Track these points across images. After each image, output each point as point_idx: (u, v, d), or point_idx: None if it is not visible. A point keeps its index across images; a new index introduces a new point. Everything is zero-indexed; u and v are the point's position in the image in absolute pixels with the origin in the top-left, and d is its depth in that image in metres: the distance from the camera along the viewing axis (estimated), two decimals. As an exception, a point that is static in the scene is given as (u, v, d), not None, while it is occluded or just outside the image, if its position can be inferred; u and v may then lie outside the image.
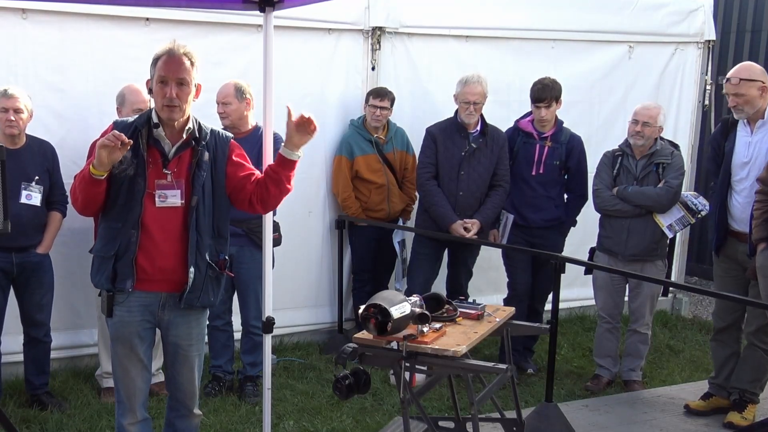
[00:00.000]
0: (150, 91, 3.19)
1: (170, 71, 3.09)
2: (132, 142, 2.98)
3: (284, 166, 3.20)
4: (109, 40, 4.87)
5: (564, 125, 5.32)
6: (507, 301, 5.30)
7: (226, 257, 3.34)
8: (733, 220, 4.61)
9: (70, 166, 4.61)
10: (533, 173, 5.23)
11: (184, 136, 3.18)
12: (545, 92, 5.12)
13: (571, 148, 5.26)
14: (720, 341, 4.85)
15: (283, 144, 3.19)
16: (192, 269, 3.18)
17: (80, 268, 4.81)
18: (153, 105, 3.21)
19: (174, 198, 3.15)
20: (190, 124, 3.20)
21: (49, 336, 4.57)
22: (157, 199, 3.13)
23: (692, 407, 4.86)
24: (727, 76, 4.54)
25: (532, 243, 5.25)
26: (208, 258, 3.23)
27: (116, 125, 3.20)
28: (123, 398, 3.30)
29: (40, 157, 4.39)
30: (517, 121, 5.39)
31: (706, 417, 4.77)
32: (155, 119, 3.17)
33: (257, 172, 3.34)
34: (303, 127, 3.11)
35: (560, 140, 5.24)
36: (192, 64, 3.15)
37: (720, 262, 4.76)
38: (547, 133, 5.24)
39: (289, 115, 3.12)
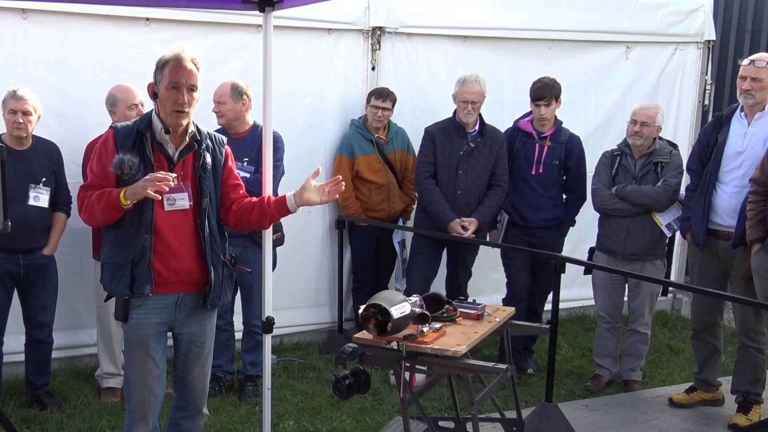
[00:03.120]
0: (155, 96, 3.17)
1: (183, 77, 3.10)
2: (175, 177, 3.02)
3: (279, 210, 3.33)
4: (109, 40, 4.87)
5: (563, 125, 5.33)
6: (506, 301, 5.31)
7: (231, 254, 3.40)
8: (715, 214, 4.61)
9: (70, 166, 4.63)
10: (533, 173, 5.24)
11: (187, 139, 3.20)
12: (545, 90, 5.13)
13: (570, 148, 5.27)
14: (700, 339, 4.91)
15: (293, 193, 3.28)
16: (212, 270, 3.21)
17: (80, 268, 4.82)
18: (155, 109, 3.18)
19: (182, 201, 3.17)
20: (191, 128, 3.22)
21: (51, 337, 4.57)
22: (165, 202, 3.13)
23: (675, 400, 4.95)
24: (753, 58, 4.51)
25: (531, 243, 5.25)
26: (221, 257, 3.28)
27: (117, 130, 3.17)
28: (135, 407, 3.24)
29: (46, 159, 4.39)
30: (516, 121, 5.40)
31: (703, 415, 4.80)
32: (158, 124, 3.15)
33: (242, 186, 3.41)
34: (317, 191, 3.24)
35: (560, 140, 5.25)
36: (198, 70, 3.18)
37: (699, 261, 4.79)
38: (546, 133, 5.25)
39: (316, 173, 3.25)
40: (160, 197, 3.02)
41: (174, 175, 3.01)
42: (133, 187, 2.99)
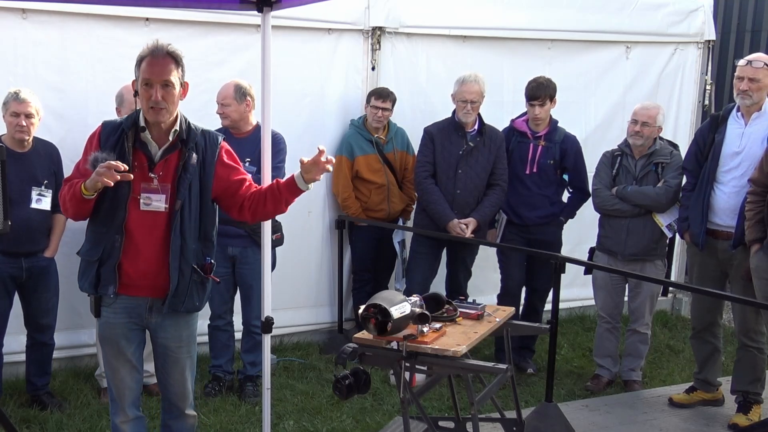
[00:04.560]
0: (135, 93, 3.15)
1: (154, 73, 3.05)
2: (127, 167, 2.95)
3: (291, 191, 3.19)
4: (109, 40, 4.87)
5: (559, 125, 5.34)
6: (499, 299, 5.33)
7: (212, 261, 3.28)
8: (713, 214, 4.62)
9: (70, 166, 4.56)
10: (527, 172, 5.26)
11: (171, 138, 3.14)
12: (540, 90, 5.15)
13: (565, 148, 5.28)
14: (700, 338, 4.92)
15: (299, 173, 3.15)
16: (175, 274, 3.14)
17: (80, 268, 4.82)
18: (139, 106, 3.17)
19: (158, 202, 3.11)
20: (176, 125, 3.15)
21: (53, 338, 4.57)
22: (141, 202, 3.10)
23: (675, 400, 4.95)
24: (750, 58, 4.52)
25: (528, 240, 5.27)
26: (192, 262, 3.18)
27: (104, 127, 3.18)
28: (114, 397, 3.31)
29: (47, 161, 4.38)
30: (512, 121, 5.41)
31: (703, 415, 4.80)
32: (142, 122, 3.13)
33: (249, 178, 3.31)
34: (317, 166, 3.09)
35: (554, 139, 5.27)
36: (177, 63, 3.10)
37: (698, 261, 4.80)
38: (540, 132, 5.27)
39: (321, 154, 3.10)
40: (112, 184, 2.92)
41: (124, 166, 2.92)
42: (90, 177, 2.96)
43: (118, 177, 2.91)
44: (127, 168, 2.94)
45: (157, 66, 3.05)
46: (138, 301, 3.19)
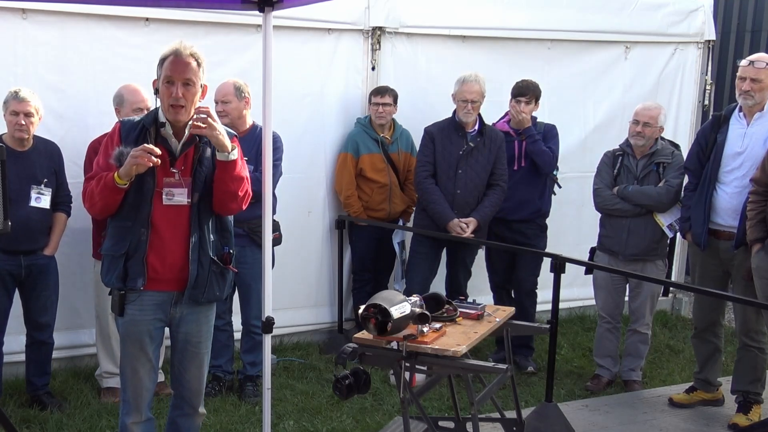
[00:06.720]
0: (156, 92, 3.20)
1: (176, 72, 3.11)
2: (160, 154, 3.01)
3: (220, 168, 3.17)
4: (109, 40, 4.87)
5: (537, 120, 5.40)
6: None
7: (231, 251, 3.35)
8: (715, 214, 4.62)
9: (71, 166, 4.63)
10: (515, 168, 5.31)
11: (187, 133, 3.19)
12: (529, 89, 5.25)
13: (545, 135, 5.36)
14: (701, 338, 4.92)
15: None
16: (194, 266, 3.19)
17: (80, 268, 4.82)
18: (159, 105, 3.22)
19: (181, 196, 3.17)
20: (192, 121, 3.20)
21: (52, 337, 4.57)
22: (164, 197, 3.15)
23: (675, 400, 4.95)
24: (752, 59, 4.52)
25: (511, 238, 5.34)
26: (211, 253, 3.24)
27: (124, 124, 3.23)
28: (129, 397, 3.30)
29: (47, 159, 4.39)
30: (494, 124, 5.43)
31: (703, 415, 4.80)
32: (162, 119, 3.19)
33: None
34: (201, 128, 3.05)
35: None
36: (198, 65, 3.17)
37: (699, 261, 4.80)
38: (522, 130, 5.32)
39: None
40: (151, 164, 2.99)
41: (158, 151, 3.00)
42: (124, 164, 3.01)
43: (155, 160, 2.97)
44: (159, 153, 3.01)
45: (180, 65, 3.12)
46: (164, 296, 3.22)
